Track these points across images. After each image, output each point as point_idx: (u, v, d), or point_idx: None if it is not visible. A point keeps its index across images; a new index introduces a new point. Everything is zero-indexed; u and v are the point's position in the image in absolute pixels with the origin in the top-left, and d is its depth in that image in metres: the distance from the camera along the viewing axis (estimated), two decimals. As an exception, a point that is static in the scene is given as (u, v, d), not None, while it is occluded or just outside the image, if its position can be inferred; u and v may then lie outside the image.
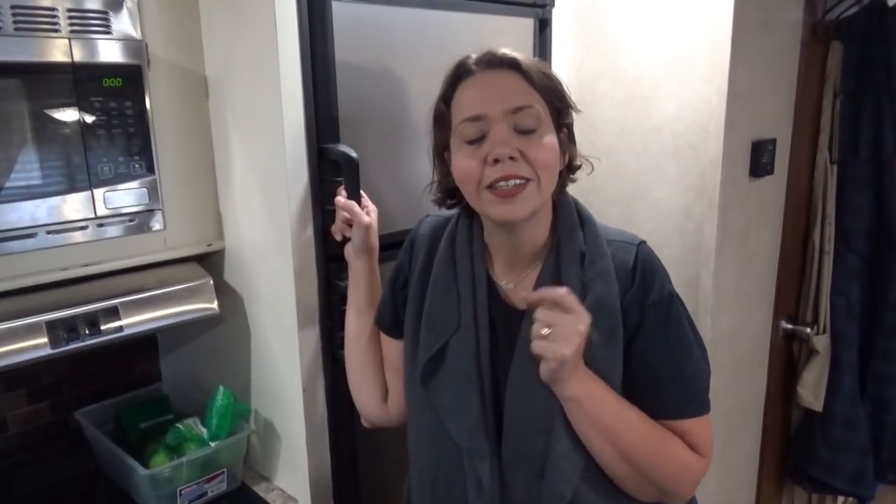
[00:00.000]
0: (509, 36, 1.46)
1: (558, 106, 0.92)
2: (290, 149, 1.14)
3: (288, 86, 1.12)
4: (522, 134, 0.88)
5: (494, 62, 0.90)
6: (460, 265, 0.97)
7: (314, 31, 1.12)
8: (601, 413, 0.87)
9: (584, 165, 0.99)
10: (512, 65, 0.89)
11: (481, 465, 0.92)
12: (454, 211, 1.03)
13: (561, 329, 0.83)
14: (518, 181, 0.87)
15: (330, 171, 1.17)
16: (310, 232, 1.19)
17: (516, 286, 0.97)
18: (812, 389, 1.94)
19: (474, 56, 0.91)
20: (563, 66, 1.68)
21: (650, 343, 0.92)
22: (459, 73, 0.91)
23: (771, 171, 1.68)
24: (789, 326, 1.94)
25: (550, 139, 0.90)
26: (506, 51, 0.90)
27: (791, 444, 2.11)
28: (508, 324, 0.95)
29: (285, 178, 1.14)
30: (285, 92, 1.11)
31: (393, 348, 1.10)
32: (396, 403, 1.10)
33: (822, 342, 1.91)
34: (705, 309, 1.57)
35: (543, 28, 1.51)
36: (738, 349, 1.74)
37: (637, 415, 0.90)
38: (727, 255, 1.59)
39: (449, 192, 1.01)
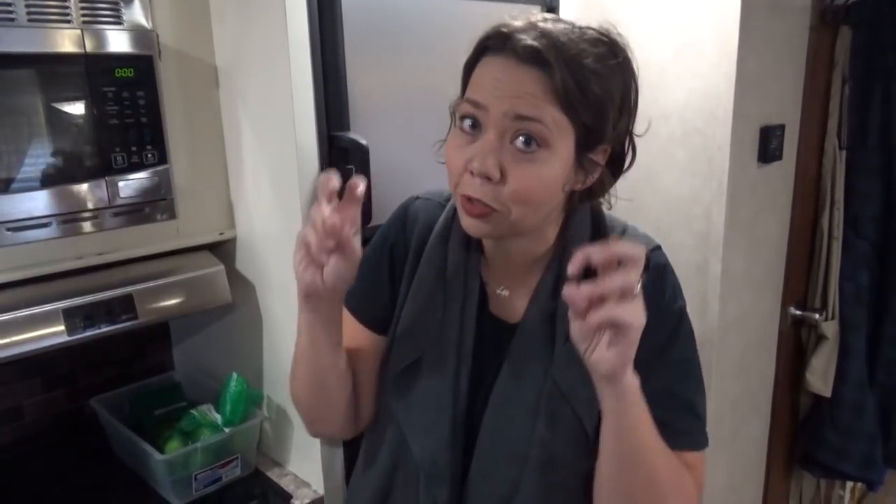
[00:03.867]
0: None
1: (590, 125, 0.74)
2: (301, 137, 1.15)
3: (298, 74, 1.12)
4: (519, 150, 0.73)
5: (523, 53, 0.71)
6: (452, 268, 0.86)
7: (324, 18, 1.13)
8: (642, 419, 0.72)
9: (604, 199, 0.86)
10: (541, 63, 0.71)
11: (440, 492, 0.84)
12: (445, 196, 0.92)
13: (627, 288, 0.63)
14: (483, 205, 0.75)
15: (340, 158, 1.18)
16: (321, 219, 1.20)
17: (511, 294, 0.87)
18: (820, 375, 1.94)
19: (510, 27, 0.74)
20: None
21: (655, 359, 0.79)
22: (488, 45, 0.76)
23: (779, 157, 1.67)
24: (798, 312, 1.94)
25: (550, 168, 0.74)
26: (542, 42, 0.71)
27: (800, 430, 2.11)
28: (498, 337, 0.85)
29: (296, 166, 1.15)
30: (295, 80, 1.12)
31: (369, 342, 0.92)
32: (368, 407, 0.93)
33: (830, 328, 1.91)
34: (713, 295, 1.58)
35: (551, 15, 1.51)
36: (746, 335, 1.74)
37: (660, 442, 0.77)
38: (735, 241, 1.59)
39: None
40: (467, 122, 0.76)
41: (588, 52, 0.72)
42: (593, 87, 0.72)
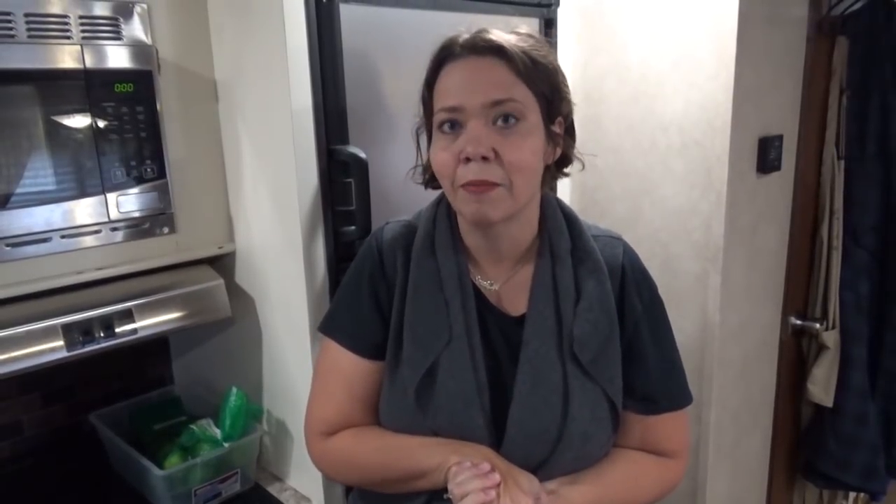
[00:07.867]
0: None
1: (549, 96, 0.86)
2: (300, 150, 1.15)
3: (297, 88, 1.13)
4: (502, 128, 0.82)
5: (479, 48, 0.84)
6: (445, 270, 0.90)
7: (322, 33, 1.13)
8: (588, 497, 0.89)
9: (575, 162, 0.95)
10: (497, 51, 0.83)
11: None
12: (412, 216, 0.99)
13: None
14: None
15: (339, 172, 1.18)
16: (320, 233, 1.20)
17: (502, 287, 0.93)
18: (822, 385, 1.93)
19: (462, 38, 0.86)
20: (569, 65, 1.68)
21: (646, 335, 0.93)
22: (444, 56, 0.87)
23: (778, 167, 1.68)
24: (798, 322, 1.94)
25: (532, 138, 0.84)
26: (493, 35, 0.84)
27: (801, 441, 2.10)
28: (503, 329, 0.91)
29: (295, 180, 1.15)
30: (294, 94, 1.12)
31: (372, 370, 0.96)
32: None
33: (831, 338, 1.90)
34: (713, 306, 1.57)
35: (549, 27, 1.52)
36: (746, 345, 1.74)
37: (611, 471, 0.92)
38: (735, 251, 1.59)
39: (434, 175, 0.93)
40: (447, 126, 0.85)
41: (523, 40, 0.86)
42: (541, 61, 0.85)
